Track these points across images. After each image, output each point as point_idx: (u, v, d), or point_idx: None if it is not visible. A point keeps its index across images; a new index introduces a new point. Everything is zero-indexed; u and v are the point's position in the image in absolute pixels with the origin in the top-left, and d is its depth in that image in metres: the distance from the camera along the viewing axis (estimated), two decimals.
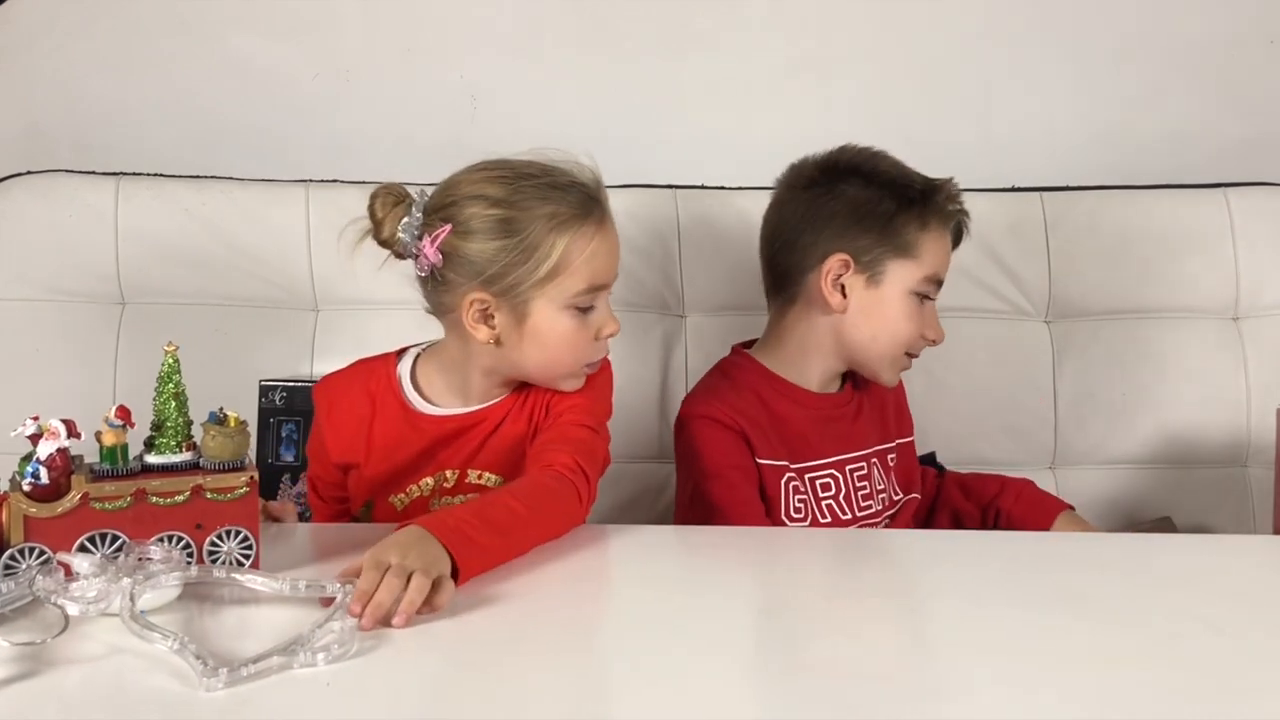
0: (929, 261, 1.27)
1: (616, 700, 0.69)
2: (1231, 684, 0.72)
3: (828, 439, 1.30)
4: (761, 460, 1.25)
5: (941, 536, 1.18)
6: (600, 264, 1.10)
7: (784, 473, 1.26)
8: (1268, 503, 1.42)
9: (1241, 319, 1.60)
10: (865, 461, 1.32)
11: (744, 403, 1.27)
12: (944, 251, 1.29)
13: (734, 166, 1.62)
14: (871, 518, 1.31)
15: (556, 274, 1.08)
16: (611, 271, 1.12)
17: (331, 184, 1.60)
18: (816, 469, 1.29)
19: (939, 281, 1.29)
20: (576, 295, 1.09)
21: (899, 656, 0.76)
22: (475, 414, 1.16)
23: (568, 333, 1.10)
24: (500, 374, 1.15)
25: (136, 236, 1.54)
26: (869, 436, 1.33)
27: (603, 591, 0.93)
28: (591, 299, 1.10)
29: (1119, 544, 1.16)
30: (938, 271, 1.28)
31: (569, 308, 1.09)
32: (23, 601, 0.79)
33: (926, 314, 1.29)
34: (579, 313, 1.10)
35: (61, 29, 1.65)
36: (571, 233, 1.08)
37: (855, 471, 1.31)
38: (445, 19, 1.66)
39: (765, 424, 1.27)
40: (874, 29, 1.67)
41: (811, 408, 1.31)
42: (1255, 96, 1.68)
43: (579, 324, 1.10)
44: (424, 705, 0.70)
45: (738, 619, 0.85)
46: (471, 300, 1.09)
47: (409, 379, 1.17)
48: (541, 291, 1.08)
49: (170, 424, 0.87)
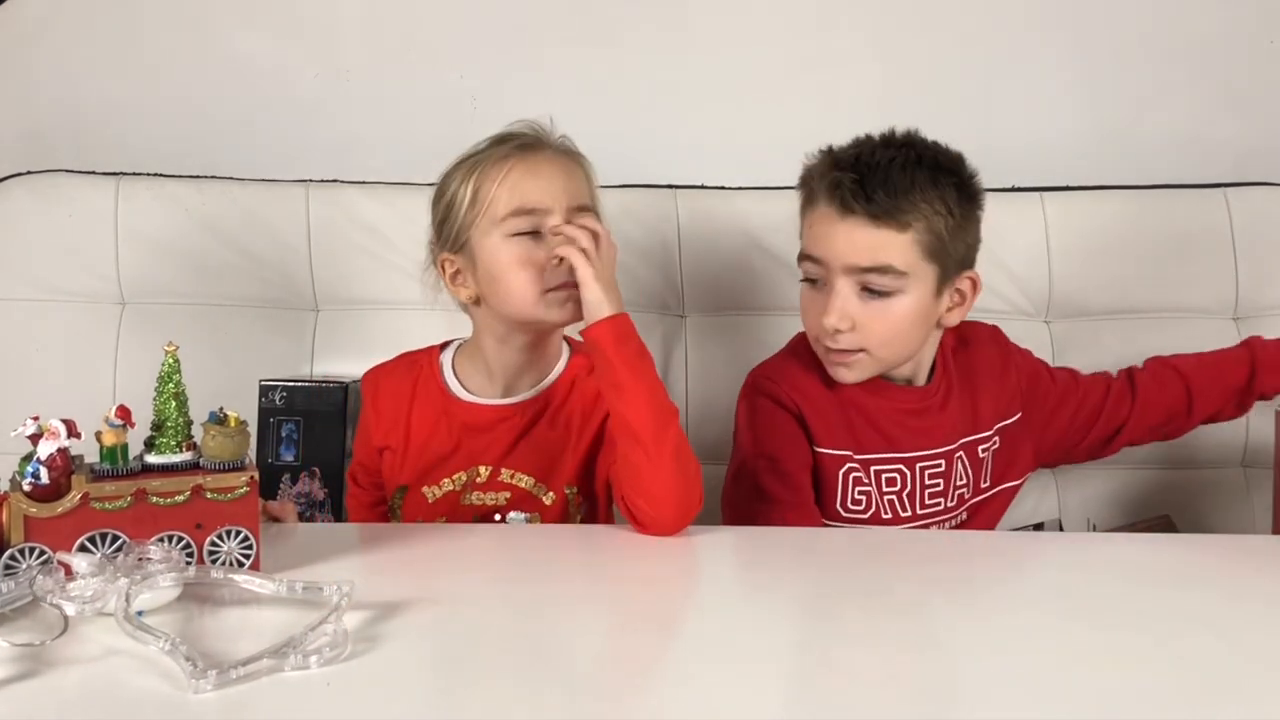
0: (806, 240, 1.21)
1: (617, 700, 0.69)
2: (1231, 684, 0.72)
3: (904, 434, 1.24)
4: (820, 449, 1.21)
5: (941, 536, 1.18)
6: (521, 186, 1.14)
7: (845, 462, 1.22)
8: (1267, 503, 1.41)
9: (1241, 319, 1.59)
10: (944, 458, 1.25)
11: (808, 383, 1.23)
12: (818, 224, 1.18)
13: (734, 166, 1.63)
14: (933, 517, 1.25)
15: (476, 206, 1.15)
16: (540, 194, 1.14)
17: (331, 184, 1.60)
18: (883, 462, 1.23)
19: (817, 260, 1.18)
20: (504, 220, 1.14)
21: (898, 656, 0.76)
22: (508, 407, 1.20)
23: (514, 259, 1.14)
24: (514, 340, 1.19)
25: (136, 236, 1.54)
26: (953, 430, 1.26)
27: (601, 592, 0.93)
28: (528, 223, 1.14)
29: (1119, 544, 1.16)
30: (808, 248, 1.20)
31: (508, 237, 1.14)
32: (22, 601, 0.79)
33: (818, 300, 1.19)
34: (524, 238, 1.14)
35: (61, 29, 1.65)
36: (481, 167, 1.15)
37: (928, 469, 1.24)
38: (445, 19, 1.66)
39: (830, 409, 1.22)
40: (874, 29, 1.67)
41: (892, 400, 1.24)
42: (1255, 96, 1.68)
43: (524, 249, 1.14)
44: (423, 707, 0.70)
45: (737, 619, 0.85)
46: (443, 264, 1.19)
47: (449, 367, 1.23)
48: (474, 228, 1.15)
49: (170, 424, 0.87)
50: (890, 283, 1.16)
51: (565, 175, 1.16)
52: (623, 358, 1.08)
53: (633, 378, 1.08)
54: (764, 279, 1.58)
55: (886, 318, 1.17)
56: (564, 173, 1.16)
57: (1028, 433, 1.31)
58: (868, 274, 1.16)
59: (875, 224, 1.15)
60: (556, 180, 1.15)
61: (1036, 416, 1.32)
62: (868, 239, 1.15)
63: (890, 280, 1.16)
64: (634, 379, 1.08)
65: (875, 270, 1.16)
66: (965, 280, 1.23)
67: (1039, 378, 1.34)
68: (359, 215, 1.56)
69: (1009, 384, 1.30)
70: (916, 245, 1.16)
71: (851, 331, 1.17)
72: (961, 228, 1.20)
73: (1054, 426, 1.33)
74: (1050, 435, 1.33)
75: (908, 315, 1.18)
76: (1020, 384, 1.31)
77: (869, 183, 1.15)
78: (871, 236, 1.15)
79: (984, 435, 1.28)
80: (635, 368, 1.08)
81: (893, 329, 1.18)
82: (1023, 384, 1.31)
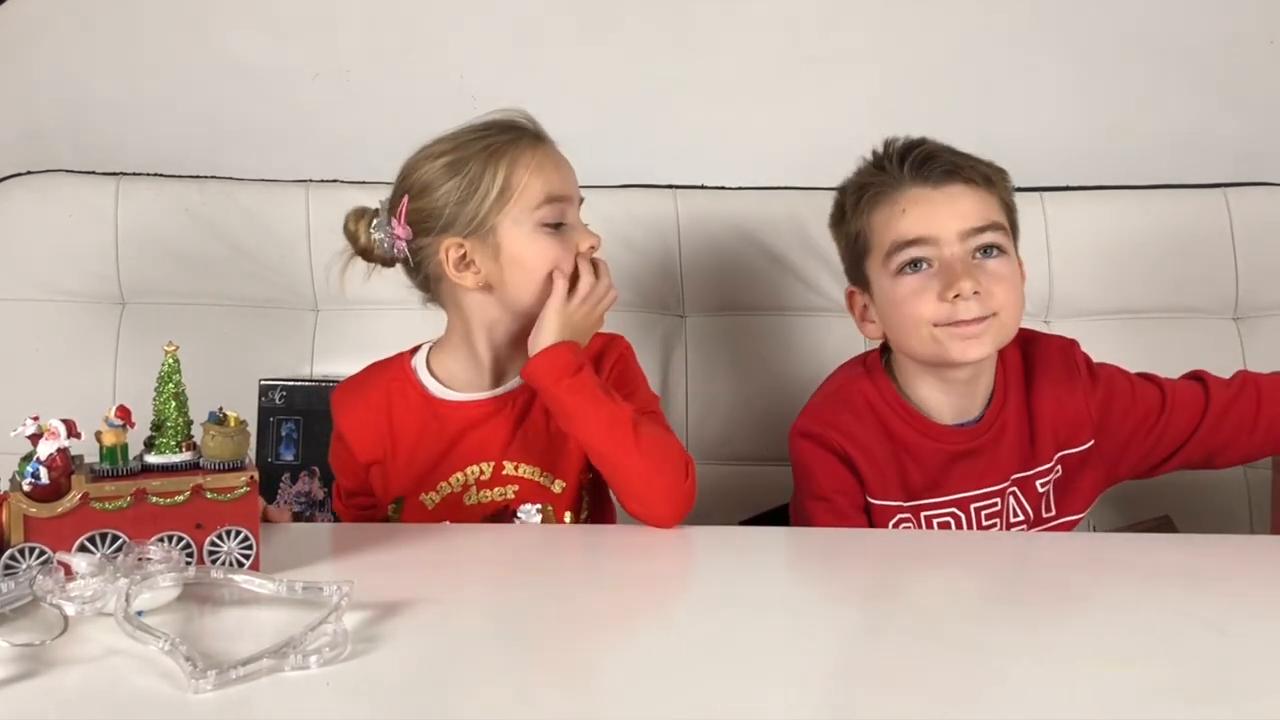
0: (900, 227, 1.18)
1: (617, 700, 0.69)
2: (1231, 684, 0.72)
3: (956, 477, 1.21)
4: (873, 499, 1.19)
5: (942, 537, 1.18)
6: (550, 175, 1.14)
7: (896, 513, 1.20)
8: (1267, 503, 1.42)
9: (1241, 319, 1.60)
10: (999, 496, 1.21)
11: (859, 429, 1.20)
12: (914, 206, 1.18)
13: (734, 166, 1.63)
14: None
15: (508, 192, 1.12)
16: (565, 184, 1.15)
17: (331, 184, 1.60)
18: (935, 507, 1.21)
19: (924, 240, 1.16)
20: (537, 209, 1.13)
21: (898, 656, 0.76)
22: (499, 398, 1.18)
23: (545, 251, 1.13)
24: (505, 330, 1.17)
25: (136, 236, 1.54)
26: (1008, 465, 1.21)
27: (602, 592, 0.93)
28: (556, 213, 1.13)
29: (1119, 544, 1.15)
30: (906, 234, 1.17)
31: (538, 226, 1.13)
32: (23, 601, 0.79)
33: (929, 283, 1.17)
34: (551, 230, 1.13)
35: (61, 29, 1.65)
36: (510, 153, 1.13)
37: (984, 509, 1.21)
38: (445, 19, 1.66)
39: (882, 456, 1.20)
40: (875, 29, 1.67)
41: (943, 441, 1.21)
42: (1255, 96, 1.68)
43: (554, 241, 1.13)
44: (423, 707, 0.70)
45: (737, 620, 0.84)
46: (448, 248, 1.13)
47: (425, 369, 1.20)
48: (503, 214, 1.13)
49: (170, 424, 0.87)
50: (1000, 239, 1.18)
51: (571, 168, 1.17)
52: (562, 388, 1.09)
53: (578, 402, 1.09)
54: (764, 279, 1.58)
55: (1004, 275, 1.17)
56: (568, 164, 1.17)
57: (1100, 460, 1.24)
58: (982, 233, 1.17)
59: (972, 187, 1.18)
60: (569, 171, 1.16)
61: (1109, 447, 1.24)
62: (971, 201, 1.17)
63: (1000, 236, 1.18)
64: (580, 403, 1.09)
65: (989, 228, 1.17)
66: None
67: (1114, 400, 1.23)
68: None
69: (1076, 409, 1.22)
70: (1000, 205, 1.20)
71: (980, 296, 1.15)
72: (1014, 204, 1.23)
73: (1128, 456, 1.25)
74: (1124, 463, 1.26)
75: (1016, 277, 1.19)
76: (1092, 411, 1.22)
77: (951, 153, 1.19)
78: (974, 197, 1.18)
79: (1042, 469, 1.22)
80: (578, 393, 1.09)
81: (1012, 287, 1.18)
82: (1094, 411, 1.23)
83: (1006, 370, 1.24)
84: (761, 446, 1.54)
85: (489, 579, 0.92)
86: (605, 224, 1.58)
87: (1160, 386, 1.25)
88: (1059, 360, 1.25)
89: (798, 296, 1.59)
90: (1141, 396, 1.24)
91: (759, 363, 1.59)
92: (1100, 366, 1.26)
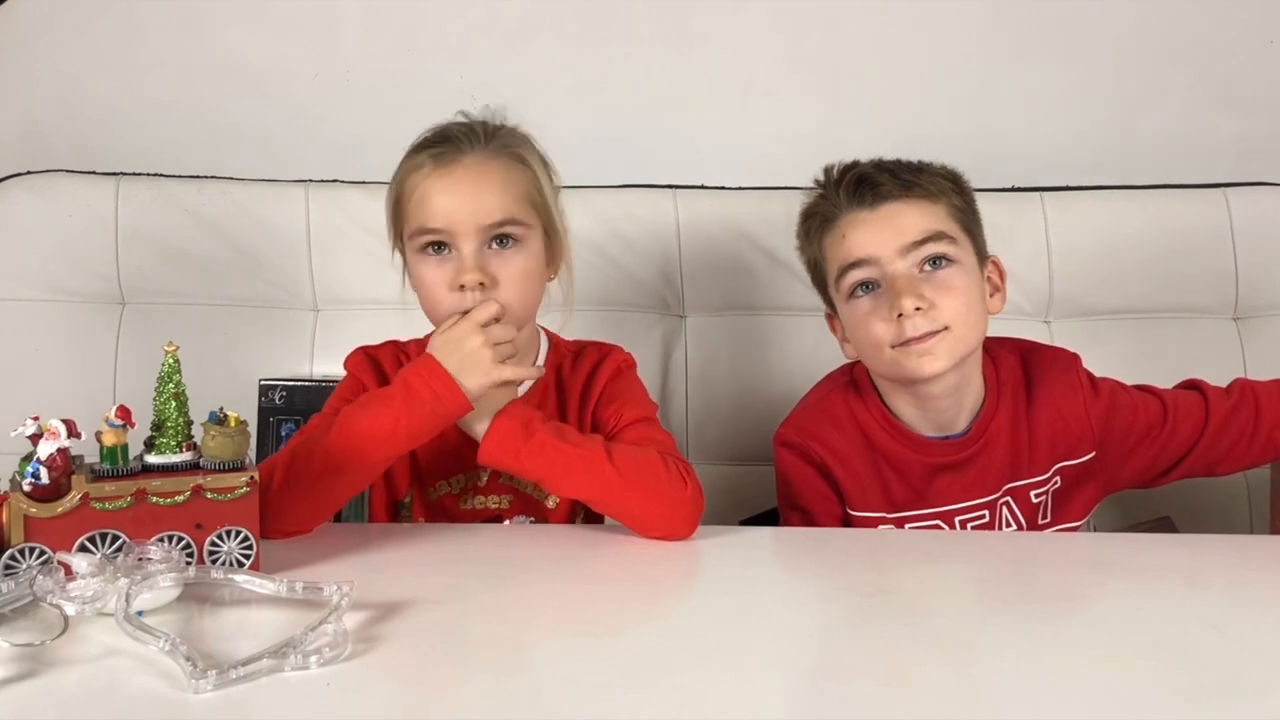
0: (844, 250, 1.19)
1: (617, 700, 0.69)
2: (1231, 684, 0.72)
3: (940, 490, 1.21)
4: (854, 511, 1.19)
5: (943, 537, 1.18)
6: (432, 206, 1.07)
7: (879, 524, 1.20)
8: (1267, 503, 1.42)
9: (1241, 319, 1.60)
10: (989, 508, 1.21)
11: (840, 441, 1.20)
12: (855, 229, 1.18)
13: (734, 166, 1.63)
14: None
15: (401, 215, 1.11)
16: (445, 217, 1.07)
17: (331, 184, 1.60)
18: (919, 519, 1.20)
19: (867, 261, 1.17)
20: (411, 237, 1.10)
21: (899, 656, 0.76)
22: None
23: (424, 279, 1.10)
24: None
25: (136, 236, 1.54)
26: (999, 477, 1.21)
27: (602, 592, 0.93)
28: (434, 240, 1.08)
29: (1119, 544, 1.16)
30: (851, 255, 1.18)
31: (418, 252, 1.10)
32: (23, 601, 0.79)
33: (879, 303, 1.17)
34: (432, 257, 1.09)
35: (61, 29, 1.65)
36: (400, 177, 1.11)
37: (970, 522, 1.20)
38: (445, 19, 1.66)
39: (862, 468, 1.20)
40: (874, 29, 1.67)
41: (927, 454, 1.20)
42: (1255, 96, 1.68)
43: (433, 269, 1.08)
44: (423, 706, 0.70)
45: (737, 620, 0.84)
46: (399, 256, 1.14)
47: None
48: (405, 235, 1.11)
49: (170, 424, 0.87)
50: (946, 248, 1.16)
51: (479, 192, 1.08)
52: (522, 459, 1.03)
53: (542, 464, 1.03)
54: (764, 279, 1.58)
55: (953, 287, 1.15)
56: (478, 189, 1.08)
57: (1101, 471, 1.24)
58: (924, 245, 1.15)
59: (909, 202, 1.16)
60: (467, 201, 1.07)
61: (1111, 459, 1.24)
62: (911, 215, 1.16)
63: (945, 245, 1.16)
64: (545, 464, 1.03)
65: (930, 239, 1.15)
66: (991, 267, 1.22)
67: (1117, 413, 1.23)
68: (359, 215, 1.55)
69: (1078, 421, 1.22)
70: (950, 214, 1.18)
71: (930, 310, 1.14)
72: (972, 208, 1.21)
73: (1129, 467, 1.25)
74: (1125, 474, 1.26)
75: (970, 285, 1.17)
76: (1093, 424, 1.22)
77: (885, 171, 1.17)
78: (913, 211, 1.16)
79: (1038, 479, 1.22)
80: (539, 455, 1.03)
81: (963, 299, 1.16)
82: (1096, 424, 1.22)
83: (1001, 381, 1.23)
84: (761, 446, 1.54)
85: (489, 579, 0.92)
86: (605, 224, 1.58)
87: (1162, 399, 1.24)
88: (1060, 372, 1.24)
89: (798, 296, 1.58)
90: (1144, 410, 1.23)
91: (759, 363, 1.58)
92: (1102, 380, 1.25)
